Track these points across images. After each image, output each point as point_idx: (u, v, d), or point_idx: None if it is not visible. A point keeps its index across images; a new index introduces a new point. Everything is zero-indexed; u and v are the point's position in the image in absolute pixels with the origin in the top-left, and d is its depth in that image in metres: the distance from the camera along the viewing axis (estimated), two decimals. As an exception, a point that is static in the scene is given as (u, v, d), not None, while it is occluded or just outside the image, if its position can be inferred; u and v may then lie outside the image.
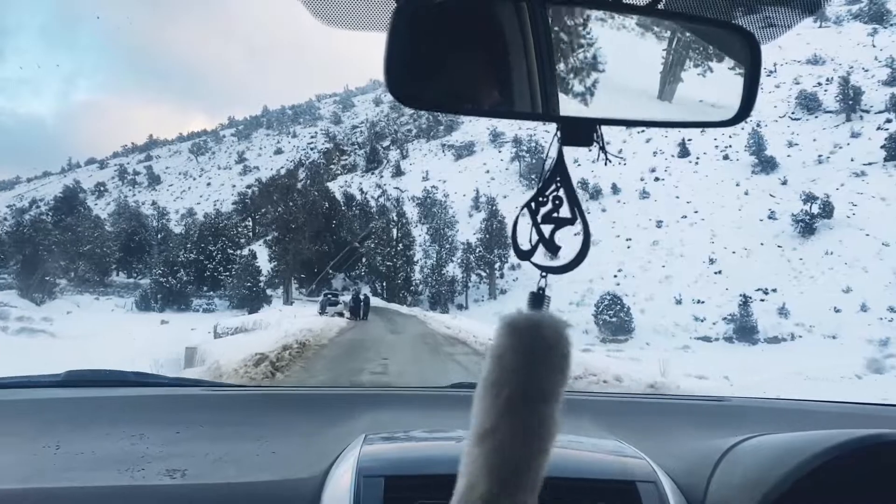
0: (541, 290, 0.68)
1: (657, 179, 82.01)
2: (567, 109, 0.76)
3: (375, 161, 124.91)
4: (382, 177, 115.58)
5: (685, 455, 1.17)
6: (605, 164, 0.85)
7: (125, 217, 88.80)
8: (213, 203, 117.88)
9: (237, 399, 1.82)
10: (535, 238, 0.71)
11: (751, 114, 0.82)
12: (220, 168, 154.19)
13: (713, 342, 45.57)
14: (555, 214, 0.70)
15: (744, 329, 45.70)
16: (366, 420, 1.45)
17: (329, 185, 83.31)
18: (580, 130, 0.74)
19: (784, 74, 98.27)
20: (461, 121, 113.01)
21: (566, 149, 0.72)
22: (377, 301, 50.16)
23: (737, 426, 1.33)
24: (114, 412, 1.56)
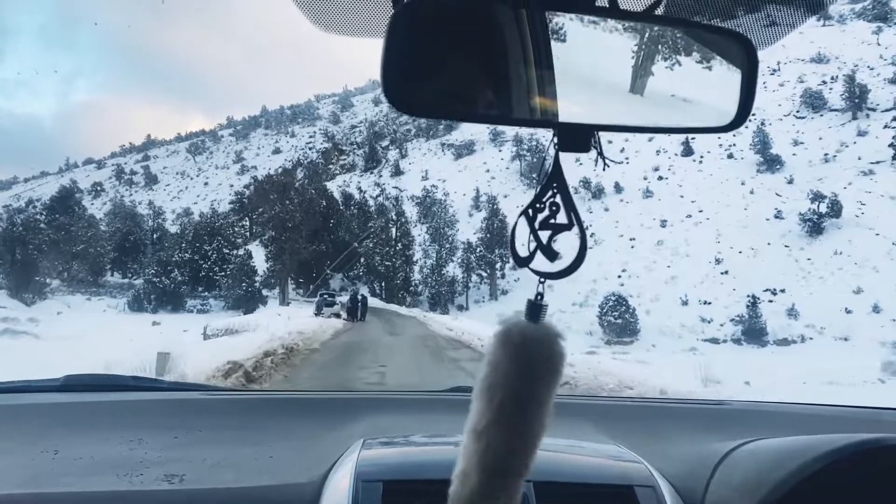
0: (539, 297, 0.70)
1: (661, 178, 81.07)
2: (564, 115, 0.76)
3: (374, 161, 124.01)
4: (381, 176, 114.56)
5: (684, 459, 1.18)
6: (604, 170, 0.83)
7: (120, 216, 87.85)
8: (211, 203, 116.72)
9: (235, 403, 1.81)
10: (533, 245, 0.72)
11: (747, 120, 0.83)
12: (218, 168, 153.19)
13: (721, 344, 44.42)
14: (552, 220, 0.72)
15: (752, 331, 44.54)
16: (364, 424, 1.45)
17: (327, 185, 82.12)
18: (578, 137, 0.75)
19: (788, 73, 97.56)
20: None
21: (564, 152, 0.74)
22: (376, 302, 49.34)
23: (735, 430, 1.33)
24: (112, 417, 1.56)
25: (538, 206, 0.72)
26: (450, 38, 0.73)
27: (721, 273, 56.83)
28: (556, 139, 0.74)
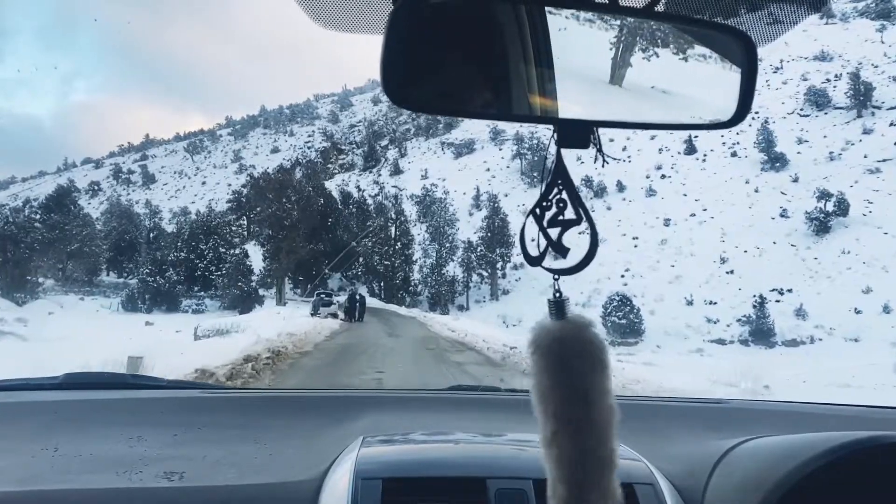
0: (558, 294, 0.70)
1: (663, 177, 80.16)
2: (564, 112, 0.76)
3: (373, 160, 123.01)
4: (381, 175, 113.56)
5: (683, 457, 1.18)
6: (603, 167, 0.83)
7: (116, 216, 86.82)
8: (208, 202, 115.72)
9: (235, 401, 1.81)
10: (543, 243, 0.72)
11: (747, 117, 0.83)
12: (216, 167, 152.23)
13: (728, 345, 43.42)
14: (560, 217, 0.72)
15: (760, 331, 43.53)
16: (364, 422, 1.45)
17: (325, 183, 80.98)
18: (577, 133, 0.75)
19: (791, 71, 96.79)
20: (461, 119, 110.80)
21: (565, 149, 0.74)
22: (375, 302, 48.41)
23: (735, 428, 1.34)
24: (112, 414, 1.56)
25: (545, 204, 0.72)
26: (450, 35, 0.73)
27: (726, 273, 55.85)
28: (557, 135, 0.74)
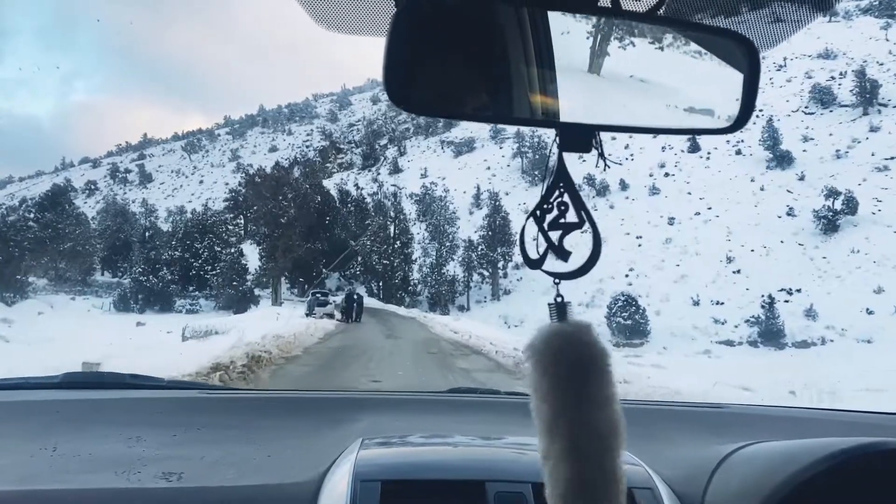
0: (559, 298, 0.69)
1: (667, 175, 78.92)
2: (566, 115, 0.75)
3: (372, 159, 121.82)
4: (379, 174, 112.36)
5: (682, 462, 1.18)
6: (605, 170, 0.82)
7: (111, 214, 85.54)
8: (205, 201, 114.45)
9: (234, 402, 1.80)
10: (544, 246, 0.71)
11: (749, 122, 0.82)
12: (213, 166, 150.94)
13: (736, 346, 42.17)
14: (561, 220, 0.71)
15: (769, 332, 42.19)
16: (363, 424, 1.46)
17: (324, 182, 79.74)
18: (579, 136, 0.74)
19: (795, 69, 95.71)
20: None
21: (566, 152, 0.73)
22: (373, 302, 47.32)
23: (734, 433, 1.33)
24: (111, 414, 1.55)
25: (546, 207, 0.71)
26: (452, 37, 0.73)
27: (733, 272, 54.57)
28: (559, 139, 0.74)
